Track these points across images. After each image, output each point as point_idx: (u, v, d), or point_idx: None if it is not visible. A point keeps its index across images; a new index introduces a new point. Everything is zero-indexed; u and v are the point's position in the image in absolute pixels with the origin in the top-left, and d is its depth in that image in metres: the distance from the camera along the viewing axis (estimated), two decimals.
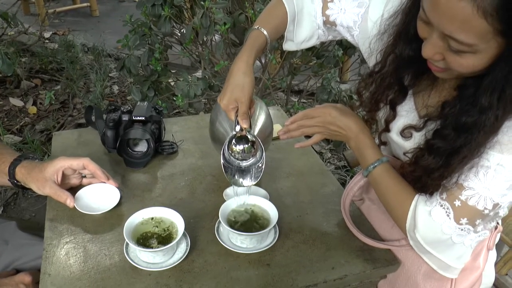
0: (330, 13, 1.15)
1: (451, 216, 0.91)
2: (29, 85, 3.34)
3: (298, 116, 1.09)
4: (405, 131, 1.02)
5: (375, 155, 1.04)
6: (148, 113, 1.31)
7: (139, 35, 2.13)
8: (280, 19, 1.17)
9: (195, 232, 1.09)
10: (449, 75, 0.89)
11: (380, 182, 1.03)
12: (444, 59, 0.83)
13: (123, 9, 5.55)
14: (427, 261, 1.04)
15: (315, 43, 1.26)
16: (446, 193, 0.92)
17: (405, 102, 1.05)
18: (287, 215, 1.16)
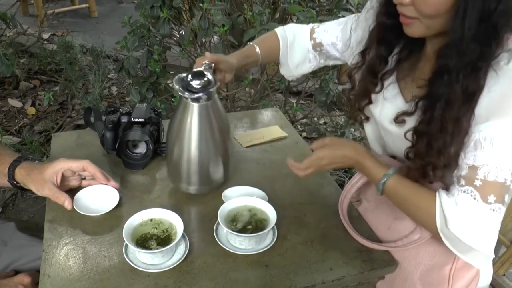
0: (316, 35, 1.32)
1: (478, 198, 0.89)
2: (28, 86, 3.34)
3: (296, 171, 1.11)
4: (399, 118, 1.04)
5: (380, 172, 1.03)
6: (147, 115, 1.31)
7: (138, 36, 2.14)
8: (273, 43, 1.34)
9: (194, 234, 1.10)
10: (418, 29, 0.95)
11: (395, 194, 1.03)
12: (413, 3, 0.90)
13: (121, 10, 5.55)
14: (468, 261, 0.98)
15: (310, 68, 1.38)
16: (463, 180, 0.91)
17: (390, 87, 1.10)
18: (286, 217, 1.17)
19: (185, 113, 1.12)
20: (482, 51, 0.87)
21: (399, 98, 1.09)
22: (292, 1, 2.20)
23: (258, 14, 1.96)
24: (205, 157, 1.16)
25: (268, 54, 1.34)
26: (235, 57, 1.27)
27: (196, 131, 1.12)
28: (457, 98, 0.89)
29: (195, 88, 1.08)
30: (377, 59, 1.09)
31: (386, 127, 1.12)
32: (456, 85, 0.89)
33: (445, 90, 0.91)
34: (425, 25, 0.93)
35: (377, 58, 1.09)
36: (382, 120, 1.12)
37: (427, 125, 0.95)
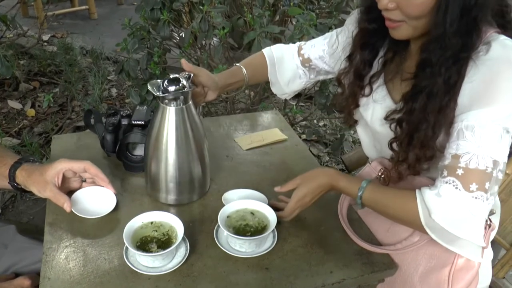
0: (304, 51, 1.34)
1: (460, 187, 0.90)
2: (28, 88, 3.35)
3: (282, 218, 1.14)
4: (390, 117, 1.05)
5: (355, 187, 1.06)
6: (147, 117, 1.32)
7: (138, 38, 2.14)
8: (260, 62, 1.37)
9: (194, 236, 1.10)
10: (404, 32, 0.97)
11: (375, 203, 1.05)
12: (398, 7, 0.93)
13: (121, 11, 5.56)
14: (457, 251, 1.00)
15: (301, 85, 1.40)
16: (446, 170, 0.93)
17: (379, 89, 1.13)
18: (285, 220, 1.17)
19: (162, 118, 1.13)
20: (464, 43, 0.90)
21: (388, 99, 1.11)
22: (292, 4, 2.21)
23: (258, 16, 1.97)
24: (182, 161, 1.16)
25: (255, 74, 1.36)
26: (220, 75, 1.30)
27: (172, 135, 1.13)
28: (439, 90, 0.92)
29: (170, 93, 1.09)
30: (361, 63, 1.12)
31: (377, 130, 1.13)
32: (438, 77, 0.92)
33: (428, 82, 0.94)
34: (412, 27, 0.96)
35: (362, 63, 1.12)
36: (373, 123, 1.14)
37: (409, 115, 0.98)
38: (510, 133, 0.91)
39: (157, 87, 1.11)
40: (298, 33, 1.92)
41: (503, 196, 1.39)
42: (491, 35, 0.93)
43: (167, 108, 1.12)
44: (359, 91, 1.14)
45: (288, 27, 2.50)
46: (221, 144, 1.49)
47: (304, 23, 1.90)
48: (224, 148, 1.47)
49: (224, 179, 1.32)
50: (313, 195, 1.11)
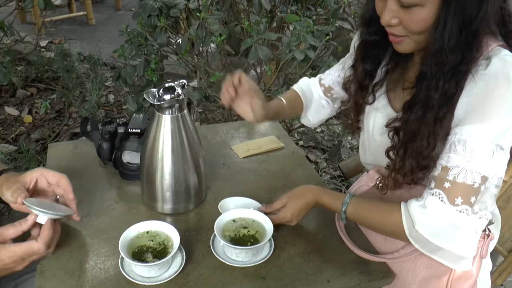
0: (324, 81, 1.35)
1: (445, 200, 0.91)
2: (25, 94, 3.34)
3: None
4: (390, 125, 1.05)
5: (338, 202, 1.08)
6: (143, 125, 1.31)
7: (135, 45, 2.14)
8: (294, 95, 1.36)
9: (190, 246, 1.09)
10: (407, 46, 0.98)
11: (359, 217, 1.08)
12: (401, 23, 0.93)
13: (119, 17, 5.57)
14: (439, 260, 1.01)
15: (326, 115, 1.40)
16: (434, 181, 0.94)
17: (381, 98, 1.14)
18: (282, 228, 1.16)
19: (158, 126, 1.13)
20: (463, 57, 0.90)
21: (388, 108, 1.11)
22: (289, 11, 2.21)
23: (255, 23, 1.97)
24: (178, 170, 1.16)
25: (294, 106, 1.36)
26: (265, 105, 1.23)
27: (168, 143, 1.13)
28: (435, 103, 0.93)
29: (165, 101, 1.09)
30: (363, 74, 1.13)
31: (376, 138, 1.14)
32: (435, 91, 0.92)
33: (425, 94, 0.94)
34: (415, 41, 0.96)
35: (363, 73, 1.12)
36: (374, 131, 1.14)
37: (406, 125, 0.99)
38: (505, 149, 0.91)
39: (152, 95, 1.10)
40: (295, 40, 1.93)
41: (501, 203, 1.39)
42: (493, 49, 0.92)
43: (162, 116, 1.12)
44: (362, 100, 1.16)
45: (285, 34, 2.51)
46: (218, 152, 1.49)
47: (301, 30, 1.91)
48: (221, 156, 1.47)
49: (221, 187, 1.32)
50: (301, 213, 1.13)
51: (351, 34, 2.01)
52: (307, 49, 1.92)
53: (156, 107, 1.12)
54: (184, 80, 1.15)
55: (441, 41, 0.89)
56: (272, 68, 2.16)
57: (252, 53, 1.92)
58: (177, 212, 1.21)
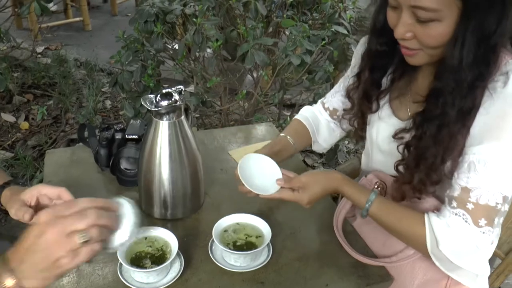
0: (327, 105, 1.35)
1: (470, 221, 0.91)
2: (21, 101, 3.33)
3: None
4: (398, 135, 1.05)
5: (362, 197, 1.05)
6: (141, 131, 1.31)
7: (132, 51, 2.14)
8: (299, 126, 1.35)
9: (189, 251, 1.09)
10: (421, 59, 0.96)
11: (381, 218, 1.05)
12: (415, 36, 0.91)
13: (115, 23, 5.57)
14: (455, 278, 1.02)
15: (337, 137, 1.39)
16: (455, 201, 0.93)
17: (385, 107, 1.13)
18: (280, 233, 1.17)
19: (155, 132, 1.13)
20: (481, 73, 0.88)
21: (393, 118, 1.11)
22: (285, 16, 2.23)
23: (251, 28, 1.98)
24: (176, 175, 1.16)
25: (301, 139, 1.34)
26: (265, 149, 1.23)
27: (166, 149, 1.13)
28: (451, 119, 0.91)
29: (163, 107, 1.09)
30: (369, 84, 1.12)
31: (383, 148, 1.13)
32: (451, 109, 0.91)
33: (440, 111, 0.92)
34: (428, 55, 0.95)
35: (370, 83, 1.11)
36: (378, 141, 1.14)
37: (419, 141, 0.97)
38: None
39: (150, 101, 1.11)
40: (291, 45, 1.93)
41: None
42: (508, 63, 0.91)
43: (160, 122, 1.12)
44: (368, 109, 1.15)
45: (282, 39, 2.52)
46: (215, 157, 1.49)
47: (297, 35, 1.92)
48: (218, 161, 1.47)
49: (219, 192, 1.32)
50: (316, 197, 1.09)
51: (347, 38, 2.03)
52: (303, 54, 1.93)
53: (153, 113, 1.12)
54: (181, 86, 1.16)
55: (459, 57, 0.88)
56: (268, 73, 2.16)
57: (248, 58, 1.92)
58: (175, 217, 1.21)
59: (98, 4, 6.35)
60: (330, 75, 2.02)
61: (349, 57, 2.10)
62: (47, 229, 0.76)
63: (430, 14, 0.86)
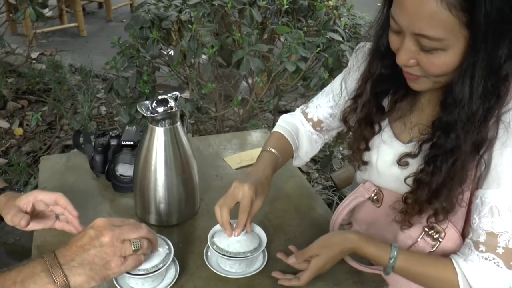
0: (311, 115, 1.26)
1: (502, 265, 0.89)
2: (16, 107, 3.33)
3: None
4: (402, 160, 1.03)
5: (384, 255, 0.99)
6: (136, 138, 1.32)
7: (127, 57, 2.14)
8: (282, 139, 1.24)
9: (184, 257, 1.10)
10: (424, 85, 0.93)
11: (408, 272, 1.01)
12: (418, 64, 0.87)
13: (110, 29, 5.57)
14: None
15: (317, 149, 1.32)
16: (483, 246, 0.90)
17: (386, 129, 1.09)
18: (276, 239, 1.17)
19: (151, 139, 1.13)
20: (491, 105, 0.85)
21: (395, 141, 1.08)
22: (280, 22, 2.24)
23: (246, 35, 1.99)
24: (171, 182, 1.16)
25: (285, 155, 1.23)
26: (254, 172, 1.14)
27: (161, 155, 1.14)
28: (464, 152, 0.88)
29: (159, 113, 1.10)
30: (375, 108, 1.07)
31: (384, 171, 1.10)
32: (464, 142, 0.87)
33: (453, 145, 0.89)
34: (432, 82, 0.91)
35: (375, 108, 1.07)
36: (378, 164, 1.11)
37: (431, 176, 0.94)
38: None
39: (146, 108, 1.11)
40: (286, 52, 1.94)
41: None
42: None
43: (155, 128, 1.12)
44: (371, 135, 1.10)
45: (277, 45, 2.53)
46: (211, 164, 1.49)
47: (292, 42, 1.93)
48: (214, 167, 1.47)
49: (214, 199, 1.30)
50: (334, 261, 1.04)
51: (342, 45, 2.04)
52: (298, 60, 1.94)
53: (149, 119, 1.12)
54: (177, 92, 1.16)
55: (469, 91, 0.84)
56: (263, 79, 2.17)
57: (243, 64, 1.93)
58: (170, 224, 1.21)
59: (93, 9, 6.36)
60: (325, 81, 2.02)
61: (344, 63, 2.12)
62: (105, 232, 0.84)
63: (435, 43, 0.82)
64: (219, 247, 1.05)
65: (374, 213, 1.17)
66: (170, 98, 1.12)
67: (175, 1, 2.29)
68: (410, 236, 1.06)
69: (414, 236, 1.05)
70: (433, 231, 1.02)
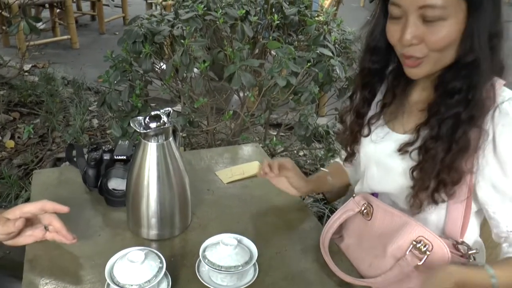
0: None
1: None
2: (7, 119, 3.32)
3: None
4: (402, 149, 1.07)
5: (483, 275, 0.96)
6: (129, 152, 1.33)
7: (120, 71, 2.16)
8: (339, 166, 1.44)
9: (176, 271, 1.11)
10: (424, 68, 0.99)
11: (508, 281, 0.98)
12: (423, 40, 0.95)
13: (103, 41, 5.60)
14: None
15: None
16: None
17: (378, 130, 1.16)
18: (266, 252, 1.18)
19: (143, 154, 1.15)
20: (494, 67, 0.97)
21: (393, 135, 1.13)
22: (271, 37, 2.27)
23: (238, 50, 2.02)
24: (163, 196, 1.18)
25: (338, 174, 1.43)
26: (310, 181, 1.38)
27: (154, 170, 1.15)
28: (466, 116, 0.96)
29: (151, 129, 1.12)
30: (361, 101, 1.15)
31: (383, 162, 1.15)
32: (467, 105, 0.96)
33: (455, 109, 0.97)
34: (433, 62, 0.99)
35: (361, 101, 1.15)
36: (378, 157, 1.16)
37: (435, 141, 1.00)
38: None
39: (138, 123, 1.13)
40: (277, 67, 1.97)
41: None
42: (502, 89, 1.00)
43: (148, 144, 1.14)
44: (359, 130, 1.18)
45: (268, 59, 2.56)
46: (202, 178, 1.51)
47: (283, 57, 1.96)
48: (205, 181, 1.49)
49: (206, 213, 1.34)
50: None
51: (332, 60, 2.07)
52: (289, 75, 1.97)
53: (142, 135, 1.14)
54: (169, 108, 1.18)
55: (476, 50, 0.94)
56: (255, 94, 2.20)
57: (235, 79, 1.96)
58: (162, 238, 1.22)
59: (86, 22, 6.39)
60: (315, 96, 2.06)
61: (334, 78, 2.15)
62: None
63: (437, 11, 0.91)
64: (210, 261, 1.06)
65: (365, 226, 1.19)
66: (163, 114, 1.14)
67: (168, 16, 2.32)
68: (399, 247, 1.08)
69: (403, 248, 1.07)
70: (421, 244, 1.05)
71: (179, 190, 1.21)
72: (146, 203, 1.17)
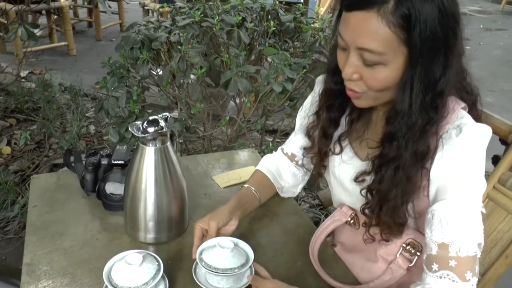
0: (286, 150, 1.38)
1: (456, 279, 0.89)
2: (4, 125, 3.33)
3: None
4: (359, 178, 1.07)
5: None
6: (127, 157, 1.35)
7: (117, 77, 2.17)
8: (263, 178, 1.36)
9: (173, 274, 1.12)
10: (366, 101, 0.99)
11: None
12: (361, 78, 0.93)
13: (100, 47, 5.62)
14: None
15: (303, 180, 1.41)
16: (435, 263, 0.91)
17: (347, 149, 1.15)
18: (262, 255, 1.20)
19: (141, 158, 1.17)
20: (430, 117, 0.92)
21: (355, 159, 1.13)
22: (267, 44, 2.29)
23: (234, 56, 2.04)
24: (161, 200, 1.19)
25: (265, 192, 1.36)
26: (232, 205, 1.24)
27: (151, 174, 1.17)
28: (406, 162, 0.94)
29: (149, 133, 1.13)
30: (328, 122, 1.13)
31: (346, 186, 1.16)
32: (405, 151, 0.93)
33: (395, 154, 0.95)
34: (372, 98, 0.97)
35: (328, 122, 1.13)
36: (344, 181, 1.17)
37: (379, 184, 0.99)
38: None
39: (136, 128, 1.15)
40: (273, 73, 1.99)
41: None
42: (460, 114, 0.96)
43: (146, 148, 1.16)
44: (326, 148, 1.17)
45: (264, 66, 2.58)
46: (199, 182, 1.52)
47: (279, 63, 1.98)
48: (202, 186, 1.51)
49: (203, 217, 1.34)
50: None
51: None
52: (285, 81, 1.98)
53: (140, 139, 1.16)
54: (167, 113, 1.20)
55: (409, 102, 0.90)
56: (251, 100, 2.22)
57: (231, 85, 1.97)
58: (159, 241, 1.23)
59: (83, 29, 6.41)
60: None
61: None
62: None
63: (376, 57, 0.88)
64: (207, 264, 1.07)
65: (355, 235, 1.21)
66: (161, 119, 1.16)
67: (165, 22, 2.34)
68: (390, 252, 1.10)
69: (393, 252, 1.09)
70: (410, 247, 1.06)
71: (177, 194, 1.22)
72: (143, 207, 1.19)
